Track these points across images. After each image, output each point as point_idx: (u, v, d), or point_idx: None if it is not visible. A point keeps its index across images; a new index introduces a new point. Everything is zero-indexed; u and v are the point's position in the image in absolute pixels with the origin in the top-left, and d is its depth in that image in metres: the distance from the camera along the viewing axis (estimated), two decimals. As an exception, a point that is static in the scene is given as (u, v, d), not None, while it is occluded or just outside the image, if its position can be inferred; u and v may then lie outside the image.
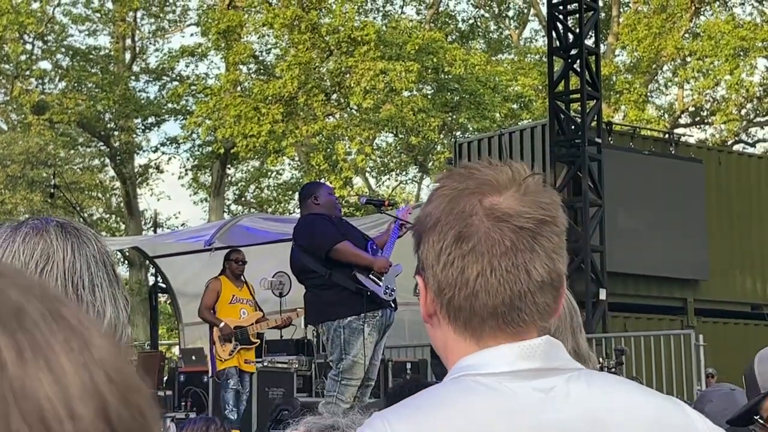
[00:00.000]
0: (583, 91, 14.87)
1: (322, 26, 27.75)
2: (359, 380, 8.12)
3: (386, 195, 34.47)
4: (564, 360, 1.58)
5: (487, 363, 1.55)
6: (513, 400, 1.52)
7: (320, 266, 8.21)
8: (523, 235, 1.54)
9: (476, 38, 35.32)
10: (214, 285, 11.25)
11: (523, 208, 1.55)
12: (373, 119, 28.24)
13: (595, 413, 1.53)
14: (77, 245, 1.58)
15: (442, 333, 1.63)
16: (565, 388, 1.54)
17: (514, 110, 30.73)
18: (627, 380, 1.67)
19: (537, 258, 1.55)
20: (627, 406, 1.56)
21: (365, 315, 8.15)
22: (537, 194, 1.58)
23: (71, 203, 27.11)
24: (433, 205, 1.60)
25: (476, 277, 1.54)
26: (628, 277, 16.51)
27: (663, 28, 31.35)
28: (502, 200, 1.55)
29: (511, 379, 1.53)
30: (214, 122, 28.64)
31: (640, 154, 17.20)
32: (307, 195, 8.62)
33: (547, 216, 1.56)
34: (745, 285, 18.52)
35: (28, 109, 31.00)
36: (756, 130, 35.36)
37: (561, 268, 1.59)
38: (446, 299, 1.58)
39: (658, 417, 1.56)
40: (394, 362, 12.65)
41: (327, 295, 8.23)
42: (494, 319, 1.56)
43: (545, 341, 1.57)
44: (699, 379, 12.84)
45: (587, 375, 1.59)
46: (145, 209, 35.45)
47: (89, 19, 33.12)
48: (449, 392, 1.56)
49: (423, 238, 1.61)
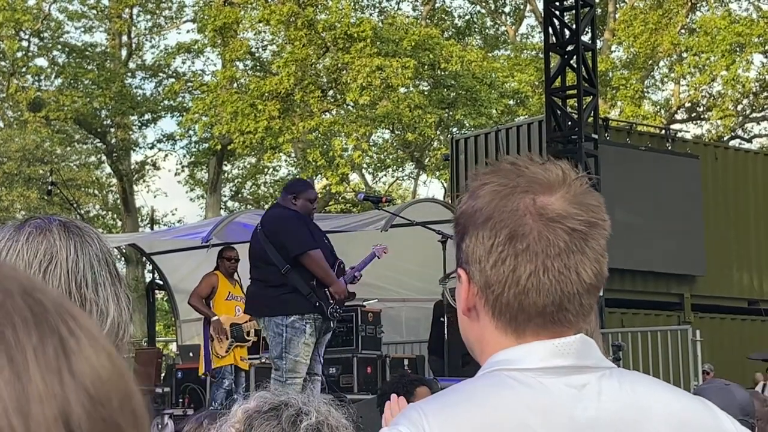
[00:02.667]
0: (580, 87, 14.87)
1: (318, 23, 27.73)
2: (302, 377, 8.18)
3: (383, 191, 34.49)
4: (596, 358, 1.60)
5: (521, 358, 1.57)
6: (546, 395, 1.54)
7: (281, 260, 8.20)
8: (576, 236, 1.57)
9: (473, 34, 35.31)
10: (211, 278, 11.26)
11: (574, 209, 1.57)
12: (370, 116, 28.23)
13: (625, 411, 1.56)
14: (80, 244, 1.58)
15: (479, 327, 1.64)
16: (598, 386, 1.56)
17: (510, 106, 30.73)
18: (657, 380, 1.69)
19: (587, 260, 1.58)
20: (657, 405, 1.58)
21: (307, 316, 8.18)
22: (585, 196, 1.60)
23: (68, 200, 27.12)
24: (484, 201, 1.60)
25: (528, 276, 1.56)
26: (625, 273, 16.52)
27: (659, 23, 31.36)
28: (553, 200, 1.57)
29: (544, 375, 1.55)
30: (210, 119, 28.63)
31: (636, 150, 17.22)
32: (291, 191, 8.59)
33: (597, 219, 1.59)
34: (742, 281, 18.55)
35: (24, 106, 30.95)
36: (752, 126, 35.41)
37: (606, 270, 1.62)
38: (494, 296, 1.59)
39: (687, 417, 1.59)
40: (391, 358, 12.65)
41: (273, 291, 8.23)
42: (541, 318, 1.58)
43: (579, 339, 1.59)
44: (696, 374, 12.86)
45: (619, 373, 1.61)
46: (142, 206, 35.47)
47: (85, 16, 33.07)
48: (483, 386, 1.58)
49: (470, 233, 1.61)
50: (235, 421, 1.86)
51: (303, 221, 8.34)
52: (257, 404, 1.88)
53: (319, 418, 1.85)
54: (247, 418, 1.85)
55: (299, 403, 1.88)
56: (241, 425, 1.85)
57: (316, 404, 1.88)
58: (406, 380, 6.14)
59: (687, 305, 17.53)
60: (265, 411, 1.86)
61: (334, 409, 1.91)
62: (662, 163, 17.21)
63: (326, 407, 1.89)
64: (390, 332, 14.18)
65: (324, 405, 1.89)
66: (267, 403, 1.88)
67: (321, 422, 1.84)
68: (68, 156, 34.23)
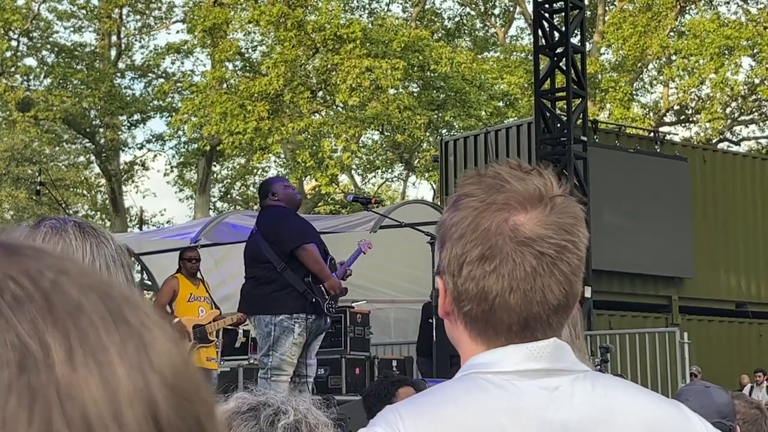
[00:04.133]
0: (569, 90, 14.89)
1: (308, 23, 27.72)
2: (288, 375, 8.17)
3: (372, 193, 34.48)
4: (570, 362, 1.63)
5: (496, 362, 1.61)
6: (519, 398, 1.57)
7: (277, 258, 8.22)
8: (545, 260, 1.59)
9: (462, 36, 35.35)
10: (171, 283, 11.26)
11: (546, 231, 1.60)
12: (359, 117, 28.24)
13: (597, 413, 1.59)
14: (96, 245, 1.59)
15: (457, 332, 1.69)
16: (570, 389, 1.59)
17: (499, 108, 30.76)
18: (631, 383, 1.73)
19: (555, 282, 1.60)
20: (629, 409, 1.61)
21: (297, 316, 8.17)
22: (562, 215, 1.62)
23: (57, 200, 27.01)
24: (460, 216, 1.64)
25: (495, 296, 1.60)
26: (614, 275, 16.56)
27: (648, 26, 31.43)
28: (526, 221, 1.60)
29: (518, 378, 1.59)
30: (199, 119, 28.60)
31: (625, 152, 17.25)
32: (265, 194, 8.61)
33: (569, 242, 1.61)
34: (730, 283, 18.59)
35: (13, 106, 30.87)
36: (740, 129, 35.51)
37: (578, 289, 1.65)
38: (464, 309, 1.64)
39: (659, 419, 1.62)
40: (380, 360, 12.66)
41: (266, 289, 8.25)
42: (508, 334, 1.62)
43: (552, 343, 1.62)
44: (684, 376, 12.89)
45: (592, 376, 1.64)
46: (131, 206, 35.42)
47: (74, 16, 33.01)
48: (459, 389, 1.63)
49: (446, 245, 1.66)
50: None
51: (296, 217, 8.38)
52: (236, 405, 1.89)
53: (297, 416, 1.85)
54: (226, 419, 1.85)
55: (278, 402, 1.88)
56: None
57: (295, 403, 1.89)
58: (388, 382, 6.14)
59: (675, 307, 17.57)
60: (243, 411, 1.87)
61: (315, 408, 1.91)
62: (651, 165, 17.24)
63: (305, 405, 1.90)
64: (378, 333, 14.18)
65: (303, 403, 1.90)
66: (246, 404, 1.88)
67: (299, 420, 1.85)
68: (57, 156, 34.18)
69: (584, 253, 1.65)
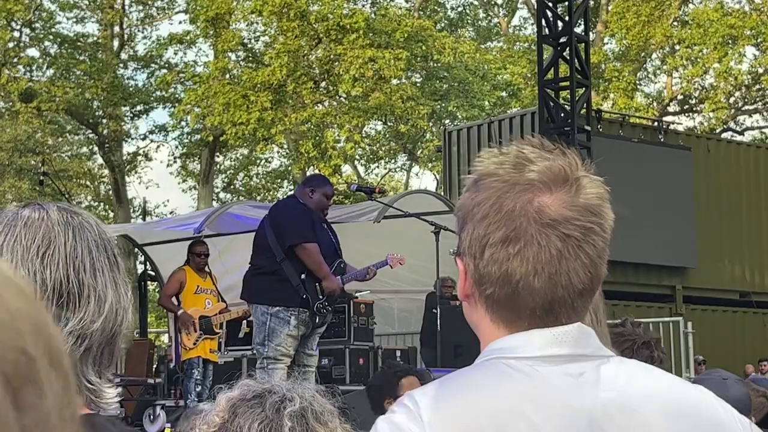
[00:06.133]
0: (573, 79, 14.86)
1: (310, 14, 27.69)
2: (285, 365, 8.18)
3: (375, 183, 34.48)
4: (594, 347, 1.60)
5: (519, 347, 1.57)
6: (542, 384, 1.54)
7: (279, 249, 8.24)
8: (569, 243, 1.56)
9: (465, 26, 35.31)
10: (178, 275, 11.33)
11: (572, 213, 1.57)
12: (362, 107, 28.20)
13: (622, 399, 1.55)
14: (78, 230, 1.58)
15: (478, 316, 1.65)
16: (595, 374, 1.56)
17: (503, 98, 30.75)
18: (656, 368, 1.68)
19: (580, 266, 1.57)
20: (654, 394, 1.58)
21: (293, 308, 8.18)
22: (588, 196, 1.59)
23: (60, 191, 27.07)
24: (483, 196, 1.59)
25: (519, 279, 1.56)
26: (617, 265, 16.53)
27: (652, 16, 31.36)
28: (551, 202, 1.56)
29: (541, 364, 1.56)
30: (202, 110, 28.59)
31: (629, 141, 17.23)
32: (309, 184, 8.60)
33: (595, 223, 1.59)
34: (734, 272, 18.59)
35: (15, 96, 30.86)
36: (744, 118, 35.45)
37: (603, 272, 1.62)
38: (486, 292, 1.60)
39: (683, 405, 1.59)
40: (383, 350, 12.66)
41: (264, 278, 8.28)
42: (531, 318, 1.59)
43: (577, 328, 1.59)
44: (688, 366, 12.90)
45: (617, 362, 1.61)
46: (134, 197, 35.41)
47: (77, 6, 32.99)
48: (480, 374, 1.59)
49: (467, 226, 1.61)
50: (219, 410, 1.86)
51: (308, 215, 8.32)
52: (241, 392, 1.88)
53: (302, 403, 1.85)
54: (231, 407, 1.85)
55: (283, 389, 1.88)
56: (225, 413, 1.84)
57: (300, 390, 1.89)
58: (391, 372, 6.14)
59: (679, 297, 17.56)
60: (249, 399, 1.86)
61: (320, 396, 1.91)
62: (654, 155, 17.22)
63: (311, 393, 1.89)
64: (382, 324, 14.19)
65: (308, 391, 1.89)
66: (251, 391, 1.88)
67: (305, 408, 1.85)
68: (60, 147, 34.17)
69: (609, 235, 1.62)
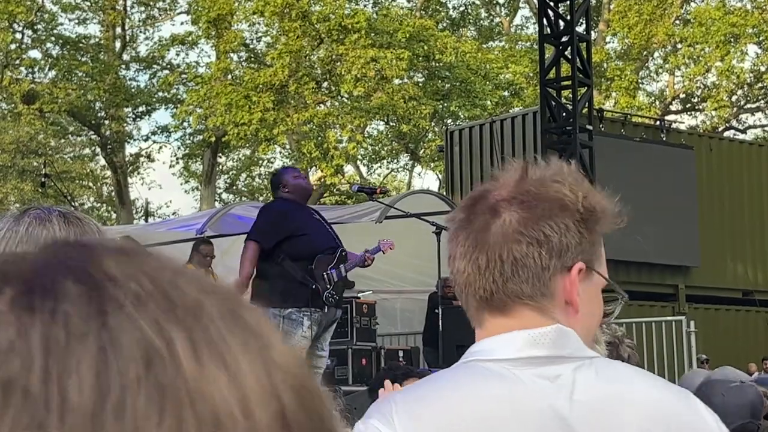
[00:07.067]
0: (575, 78, 14.85)
1: (312, 14, 27.69)
2: None
3: (378, 183, 34.47)
4: (573, 348, 1.60)
5: (496, 349, 1.60)
6: (518, 386, 1.55)
7: (275, 250, 8.26)
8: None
9: (467, 26, 35.27)
10: None
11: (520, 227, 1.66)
12: (364, 107, 28.20)
13: (599, 403, 1.55)
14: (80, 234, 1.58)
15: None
16: (572, 377, 1.56)
17: (505, 98, 30.71)
18: (641, 371, 1.68)
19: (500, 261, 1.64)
20: (634, 397, 1.57)
21: (305, 309, 8.15)
22: (539, 215, 1.69)
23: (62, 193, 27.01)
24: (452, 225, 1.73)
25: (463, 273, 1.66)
26: (619, 264, 16.50)
27: (654, 14, 31.34)
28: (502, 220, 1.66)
29: (518, 366, 1.57)
30: (204, 111, 28.59)
31: (631, 141, 17.21)
32: (276, 185, 8.62)
33: (541, 236, 1.67)
34: (736, 271, 18.56)
35: (18, 98, 30.88)
36: (747, 117, 35.41)
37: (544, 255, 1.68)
38: (461, 298, 1.69)
39: (665, 411, 1.57)
40: (386, 350, 12.66)
41: (270, 282, 8.24)
42: (484, 306, 1.62)
43: (555, 329, 1.59)
44: (690, 365, 12.88)
45: (598, 364, 1.61)
46: (136, 198, 35.44)
47: (79, 8, 33.01)
48: (456, 377, 1.61)
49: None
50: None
51: (281, 212, 8.30)
52: None
53: None
54: None
55: None
56: None
57: None
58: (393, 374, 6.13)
59: (681, 296, 17.53)
60: None
61: None
62: (657, 154, 17.20)
63: None
64: (385, 324, 14.17)
65: None
66: None
67: None
68: (62, 148, 34.20)
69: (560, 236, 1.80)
